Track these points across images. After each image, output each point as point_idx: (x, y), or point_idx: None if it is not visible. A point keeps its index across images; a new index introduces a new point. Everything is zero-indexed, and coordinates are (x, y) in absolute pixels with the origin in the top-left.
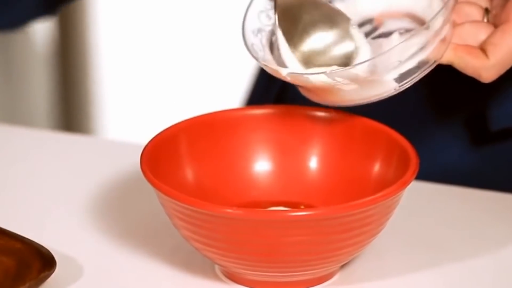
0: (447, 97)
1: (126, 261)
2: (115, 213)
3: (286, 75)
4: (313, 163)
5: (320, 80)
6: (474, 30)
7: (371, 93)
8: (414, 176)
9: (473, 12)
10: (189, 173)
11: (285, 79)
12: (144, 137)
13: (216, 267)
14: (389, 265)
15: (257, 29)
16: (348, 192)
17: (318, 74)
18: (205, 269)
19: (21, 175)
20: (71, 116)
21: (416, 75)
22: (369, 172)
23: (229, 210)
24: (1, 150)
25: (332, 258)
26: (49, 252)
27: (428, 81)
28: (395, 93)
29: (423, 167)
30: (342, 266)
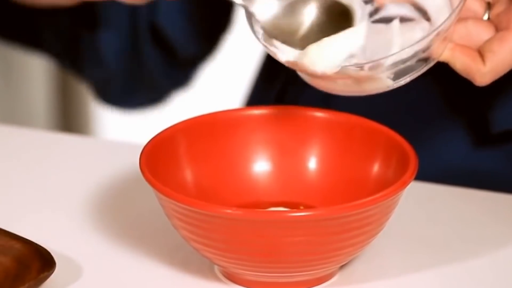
0: (449, 99)
1: (125, 261)
2: (115, 214)
3: (285, 62)
4: (313, 164)
5: (319, 70)
6: (476, 30)
7: (365, 88)
8: (414, 177)
9: (475, 6)
10: (189, 174)
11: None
12: (144, 137)
13: (216, 268)
14: (389, 265)
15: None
16: (348, 193)
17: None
18: (204, 270)
19: (21, 175)
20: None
21: (413, 73)
22: (369, 173)
23: (229, 211)
24: (1, 150)
25: (332, 259)
26: (49, 253)
27: (430, 82)
28: (389, 89)
29: (425, 168)
30: (342, 267)
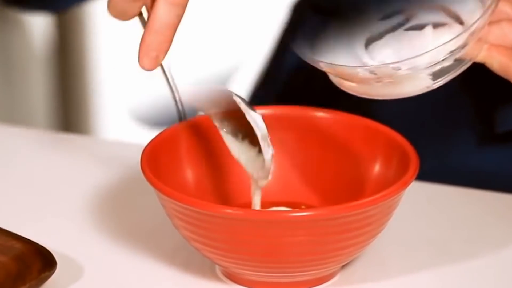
0: (454, 98)
1: (126, 261)
2: (115, 213)
3: (323, 66)
4: (314, 164)
5: (357, 72)
6: (511, 30)
7: (404, 90)
8: (415, 177)
9: (507, 8)
10: (190, 173)
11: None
12: (145, 138)
13: (216, 268)
14: (390, 265)
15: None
16: (349, 193)
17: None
18: (205, 270)
19: (21, 175)
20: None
21: (451, 73)
22: (370, 173)
23: (229, 211)
24: (1, 150)
25: (333, 259)
26: (50, 252)
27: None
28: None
29: (429, 168)
30: (343, 267)
